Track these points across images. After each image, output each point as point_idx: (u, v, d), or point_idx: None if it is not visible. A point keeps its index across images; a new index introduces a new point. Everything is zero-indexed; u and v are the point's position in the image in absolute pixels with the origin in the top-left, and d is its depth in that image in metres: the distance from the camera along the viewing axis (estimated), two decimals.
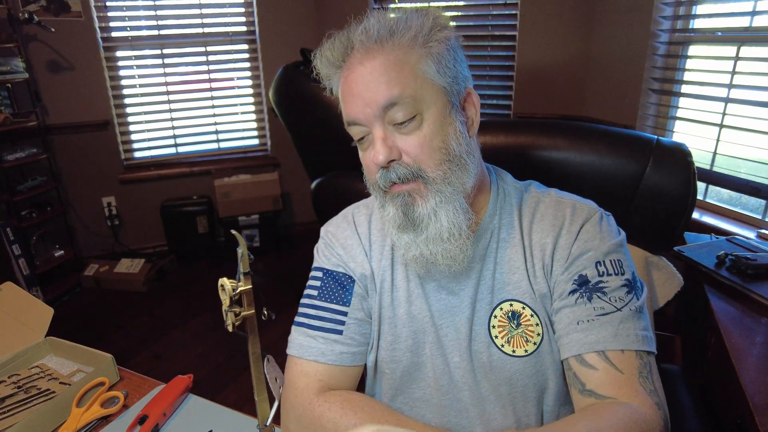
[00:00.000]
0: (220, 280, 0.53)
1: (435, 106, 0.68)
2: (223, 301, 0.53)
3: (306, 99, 2.18)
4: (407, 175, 0.69)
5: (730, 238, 1.47)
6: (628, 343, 0.65)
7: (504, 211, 0.77)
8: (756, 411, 0.85)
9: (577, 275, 0.70)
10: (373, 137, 0.69)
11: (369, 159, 0.71)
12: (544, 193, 0.79)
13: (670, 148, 1.11)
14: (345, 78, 0.69)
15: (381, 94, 0.66)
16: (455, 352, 0.76)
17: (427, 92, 0.67)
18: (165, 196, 3.29)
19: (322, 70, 0.72)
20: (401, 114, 0.67)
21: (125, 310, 2.77)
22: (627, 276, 0.70)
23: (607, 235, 0.72)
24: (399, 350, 0.78)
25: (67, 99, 2.97)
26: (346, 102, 0.70)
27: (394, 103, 0.66)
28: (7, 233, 2.60)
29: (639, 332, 0.66)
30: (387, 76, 0.66)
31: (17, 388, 0.89)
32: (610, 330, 0.66)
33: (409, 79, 0.66)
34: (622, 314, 0.67)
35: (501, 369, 0.73)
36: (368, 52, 0.67)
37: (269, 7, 3.25)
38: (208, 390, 2.09)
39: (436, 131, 0.68)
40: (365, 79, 0.67)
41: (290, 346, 0.77)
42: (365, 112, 0.67)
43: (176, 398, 0.84)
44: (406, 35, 0.67)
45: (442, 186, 0.69)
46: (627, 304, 0.68)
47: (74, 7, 2.85)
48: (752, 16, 1.85)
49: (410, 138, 0.68)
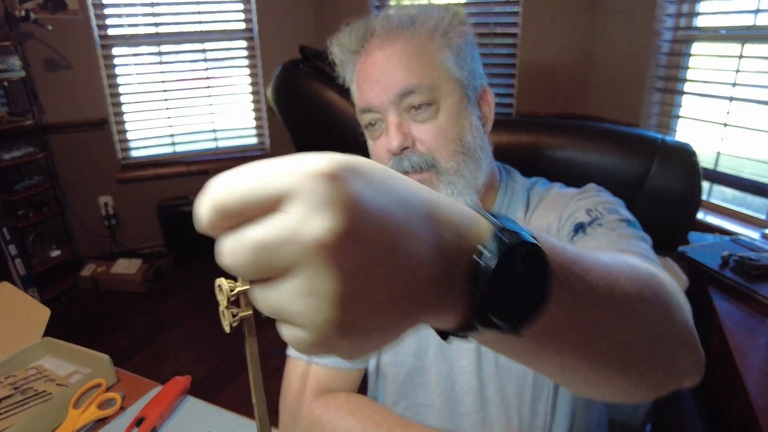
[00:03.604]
0: (217, 280, 0.52)
1: (451, 97, 0.67)
2: (220, 301, 0.51)
3: (306, 97, 2.17)
4: (420, 164, 0.67)
5: (734, 239, 1.46)
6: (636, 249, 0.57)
7: (510, 209, 0.77)
8: (759, 412, 0.84)
9: (573, 224, 0.66)
10: (386, 124, 0.68)
11: (381, 146, 0.70)
12: (547, 189, 0.79)
13: (675, 148, 1.10)
14: (362, 63, 0.69)
15: (399, 81, 0.65)
16: (462, 354, 0.74)
17: (444, 82, 0.67)
18: (162, 196, 3.27)
19: (337, 56, 0.71)
20: (417, 100, 0.66)
21: (123, 310, 2.75)
22: (624, 215, 0.65)
23: (601, 195, 0.69)
24: (402, 354, 0.77)
25: (64, 97, 2.95)
26: (361, 87, 0.69)
27: (412, 90, 0.65)
28: (4, 233, 2.59)
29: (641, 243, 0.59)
30: (406, 63, 0.65)
31: (14, 390, 0.88)
32: (612, 236, 0.60)
33: (427, 68, 0.66)
34: (625, 231, 0.60)
35: (510, 368, 0.72)
36: (388, 37, 0.67)
37: (268, 4, 3.23)
38: (206, 391, 2.07)
39: (452, 122, 0.67)
40: (383, 64, 0.66)
41: (290, 348, 0.76)
42: (380, 98, 0.67)
43: (174, 400, 0.83)
44: (427, 24, 0.67)
45: (455, 178, 0.68)
46: (628, 227, 0.62)
47: (71, 5, 2.83)
48: (756, 14, 1.84)
49: (426, 126, 0.67)
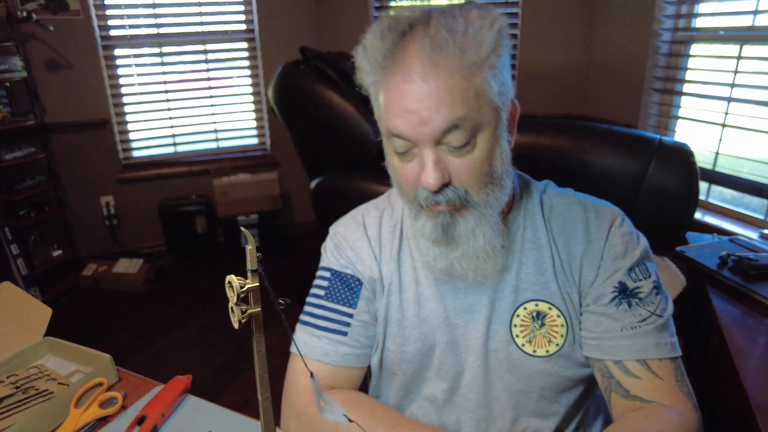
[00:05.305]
0: (227, 277, 0.52)
1: (489, 128, 0.63)
2: (230, 298, 0.52)
3: (306, 98, 2.17)
4: (455, 200, 0.65)
5: (732, 239, 1.46)
6: (666, 351, 0.70)
7: (527, 211, 0.77)
8: (758, 412, 0.84)
9: (617, 282, 0.71)
10: (421, 155, 0.63)
11: (411, 174, 0.66)
12: (564, 194, 0.79)
13: (673, 148, 1.11)
14: (397, 86, 0.61)
15: (443, 117, 0.60)
16: (471, 351, 0.75)
17: (485, 113, 0.62)
18: (163, 196, 3.28)
19: (363, 64, 0.64)
20: (459, 138, 0.61)
21: (124, 310, 2.76)
22: (654, 278, 0.73)
23: (634, 240, 0.74)
24: (408, 352, 0.77)
25: (66, 98, 2.96)
26: (395, 113, 0.62)
27: (456, 126, 0.60)
28: (5, 233, 2.59)
29: (672, 339, 0.71)
30: (451, 97, 0.59)
31: (15, 389, 0.89)
32: (652, 339, 0.70)
33: (472, 101, 0.60)
34: (660, 321, 0.71)
35: (519, 368, 0.73)
36: (433, 65, 0.59)
37: (268, 5, 3.23)
38: (207, 391, 2.08)
39: (486, 154, 0.64)
40: (427, 99, 0.59)
41: (294, 345, 0.76)
42: (420, 131, 0.61)
43: (175, 399, 0.84)
44: (477, 52, 0.60)
45: (483, 208, 0.66)
46: (662, 310, 0.72)
47: (73, 6, 2.84)
48: (755, 15, 1.85)
49: (462, 161, 0.63)
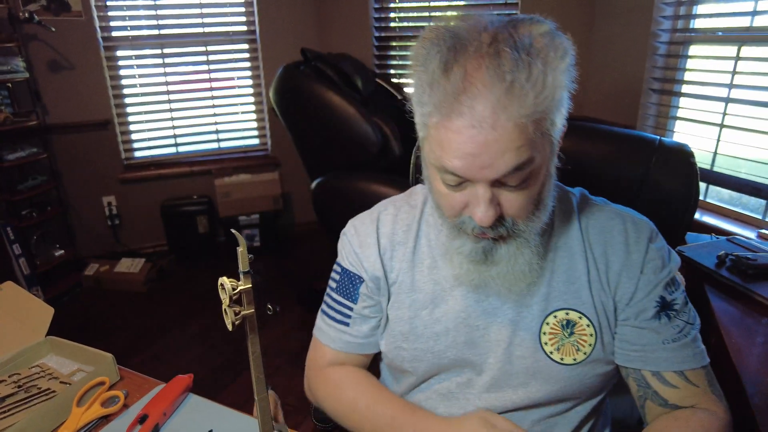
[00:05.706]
0: (220, 279, 0.53)
1: (544, 161, 0.60)
2: (223, 300, 0.53)
3: (306, 99, 2.18)
4: (503, 233, 0.64)
5: (730, 238, 1.46)
6: (700, 360, 0.73)
7: (561, 219, 0.76)
8: (757, 411, 0.84)
9: (658, 297, 0.73)
10: (474, 189, 0.60)
11: (458, 202, 0.63)
12: (600, 204, 0.79)
13: (673, 149, 1.11)
14: (462, 131, 0.56)
15: (506, 163, 0.56)
16: (491, 353, 0.75)
17: (546, 149, 0.60)
18: (165, 196, 3.29)
19: (422, 89, 0.58)
20: (518, 177, 0.58)
21: (125, 309, 2.77)
22: (682, 288, 0.76)
23: (668, 255, 0.76)
24: (420, 350, 0.78)
25: (68, 98, 2.97)
26: (455, 154, 0.57)
27: (518, 168, 0.57)
28: (8, 233, 2.60)
29: (702, 346, 0.75)
30: (519, 142, 0.55)
31: (17, 388, 0.89)
32: (689, 351, 0.73)
33: (537, 142, 0.57)
34: (694, 331, 0.74)
35: (544, 374, 0.73)
36: (505, 110, 0.54)
37: (269, 7, 3.24)
38: (209, 389, 2.09)
39: (539, 188, 0.62)
40: (493, 142, 0.55)
41: (315, 329, 0.89)
42: (480, 174, 0.57)
43: (176, 398, 0.84)
44: (552, 95, 0.55)
45: (528, 234, 0.66)
46: (693, 317, 0.75)
47: (74, 7, 2.85)
48: (753, 16, 1.85)
49: (516, 197, 0.61)
